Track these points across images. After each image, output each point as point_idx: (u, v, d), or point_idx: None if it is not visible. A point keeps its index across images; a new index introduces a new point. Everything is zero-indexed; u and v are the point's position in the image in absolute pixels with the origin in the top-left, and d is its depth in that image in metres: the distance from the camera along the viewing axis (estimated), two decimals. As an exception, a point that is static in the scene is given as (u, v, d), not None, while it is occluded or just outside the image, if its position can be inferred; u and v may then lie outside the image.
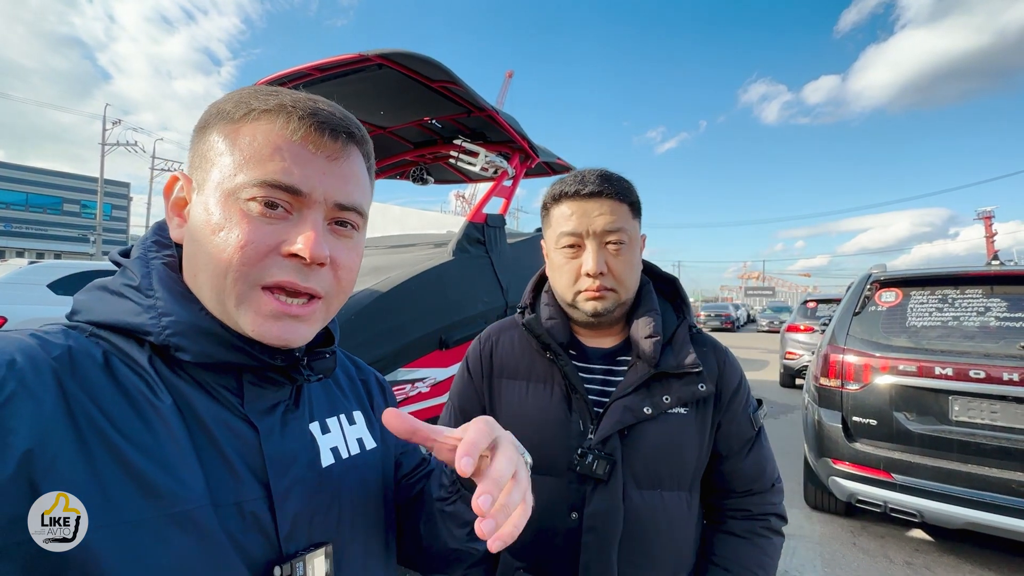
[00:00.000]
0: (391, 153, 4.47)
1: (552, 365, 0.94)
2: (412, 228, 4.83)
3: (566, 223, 0.90)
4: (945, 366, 2.61)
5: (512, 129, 3.54)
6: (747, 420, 0.94)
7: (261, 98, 0.50)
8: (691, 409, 0.89)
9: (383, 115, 3.80)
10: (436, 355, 2.75)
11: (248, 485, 0.48)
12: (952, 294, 2.80)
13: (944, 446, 2.58)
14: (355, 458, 0.61)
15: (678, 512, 0.88)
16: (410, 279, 2.54)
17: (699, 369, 0.89)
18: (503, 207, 3.47)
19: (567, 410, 0.91)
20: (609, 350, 0.96)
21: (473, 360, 1.04)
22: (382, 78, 3.06)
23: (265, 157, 0.47)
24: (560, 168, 4.69)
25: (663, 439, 0.87)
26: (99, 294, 0.51)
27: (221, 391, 0.50)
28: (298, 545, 0.50)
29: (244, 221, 0.47)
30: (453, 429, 0.53)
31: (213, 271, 0.47)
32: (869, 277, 3.11)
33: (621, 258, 0.89)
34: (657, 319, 0.93)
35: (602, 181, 0.88)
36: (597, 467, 0.84)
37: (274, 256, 0.48)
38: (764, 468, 0.94)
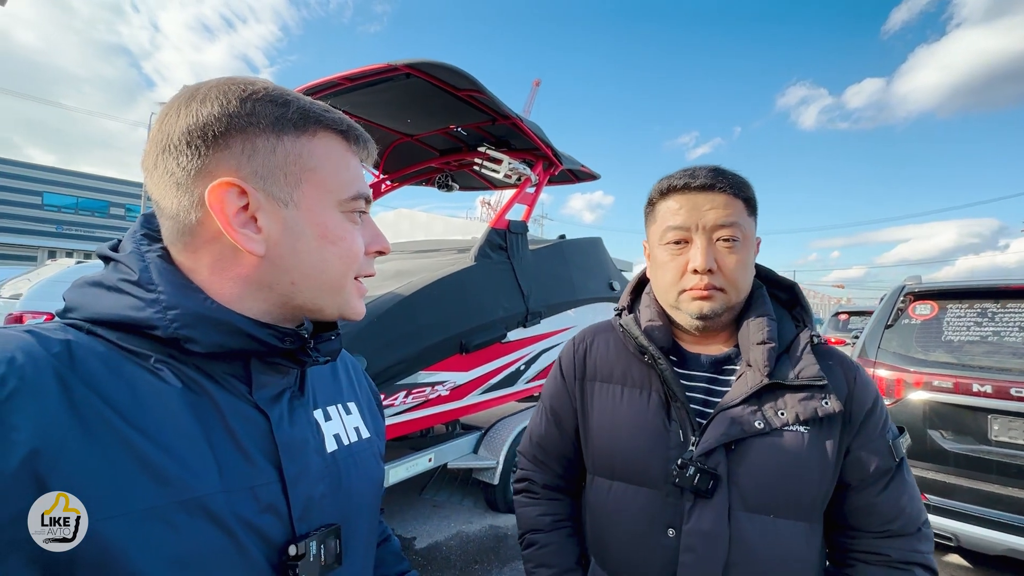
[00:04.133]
0: (417, 160, 4.56)
1: (650, 370, 0.88)
2: (438, 234, 4.91)
3: (673, 217, 0.84)
4: (984, 383, 2.49)
5: (536, 136, 3.57)
6: (884, 447, 0.81)
7: (322, 114, 0.54)
8: (812, 429, 0.78)
9: (410, 123, 3.88)
10: (456, 359, 2.78)
11: (262, 470, 0.50)
12: (992, 308, 2.68)
13: (982, 467, 2.46)
14: (354, 445, 0.63)
15: (794, 544, 0.78)
16: (432, 283, 2.58)
17: (823, 383, 0.78)
18: (526, 214, 3.49)
19: (665, 418, 0.84)
20: (715, 357, 0.88)
21: (566, 362, 1.00)
22: (409, 87, 3.14)
23: (348, 172, 0.55)
24: (584, 175, 4.69)
25: (776, 458, 0.77)
26: (93, 290, 0.50)
27: (230, 380, 0.52)
28: (310, 526, 0.52)
29: (352, 231, 0.56)
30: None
31: (334, 276, 0.54)
32: (903, 289, 3.00)
33: (733, 255, 0.81)
34: (772, 325, 0.84)
35: (715, 175, 0.82)
36: (699, 481, 0.76)
37: (362, 256, 0.57)
38: (906, 507, 0.80)
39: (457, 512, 3.47)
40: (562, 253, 3.88)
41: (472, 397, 3.04)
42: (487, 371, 3.07)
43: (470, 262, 2.90)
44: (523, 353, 3.37)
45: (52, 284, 4.38)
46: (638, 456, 0.84)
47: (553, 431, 0.99)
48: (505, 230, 3.18)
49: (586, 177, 4.78)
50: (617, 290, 4.52)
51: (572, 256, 4.00)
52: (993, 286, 2.74)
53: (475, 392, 3.04)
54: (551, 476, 1.01)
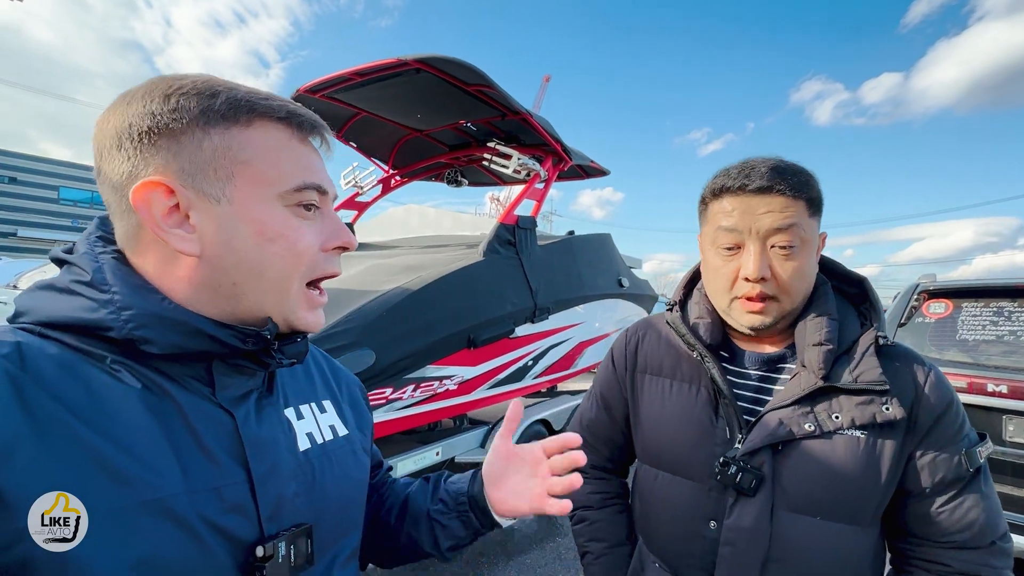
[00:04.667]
0: (427, 155, 4.57)
1: (699, 366, 0.87)
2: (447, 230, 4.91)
3: (725, 219, 0.80)
4: (1000, 383, 2.45)
5: (545, 132, 3.56)
6: (957, 455, 0.75)
7: (258, 102, 0.50)
8: (870, 434, 0.75)
9: (420, 118, 3.90)
10: (464, 353, 2.79)
11: (228, 470, 0.48)
12: (1009, 307, 2.63)
13: (997, 468, 2.42)
14: (329, 443, 0.62)
15: (842, 546, 0.75)
16: (441, 278, 2.59)
17: (885, 387, 0.74)
18: (535, 209, 3.49)
19: (712, 414, 0.84)
20: (767, 356, 0.86)
21: (618, 353, 1.03)
22: (420, 82, 3.14)
23: (294, 162, 0.51)
24: (593, 171, 4.67)
25: (826, 462, 0.75)
26: (45, 293, 0.48)
27: (191, 382, 0.50)
28: (280, 526, 0.51)
29: (298, 226, 0.51)
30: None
31: (276, 276, 0.50)
32: (917, 287, 2.96)
33: (789, 263, 0.77)
34: (831, 325, 0.80)
35: (773, 174, 0.76)
36: (741, 480, 0.76)
37: (319, 252, 0.53)
38: (979, 518, 0.74)
39: (464, 506, 3.49)
40: (571, 249, 3.87)
41: (480, 392, 3.05)
42: (495, 366, 3.08)
43: (479, 257, 2.90)
44: (531, 349, 3.37)
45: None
46: (683, 449, 0.86)
47: (603, 417, 1.03)
48: (514, 225, 3.18)
49: (595, 173, 4.76)
50: (626, 287, 4.50)
51: (581, 252, 3.99)
52: (1010, 284, 2.69)
53: (483, 387, 3.05)
54: (599, 458, 1.04)
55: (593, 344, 4.14)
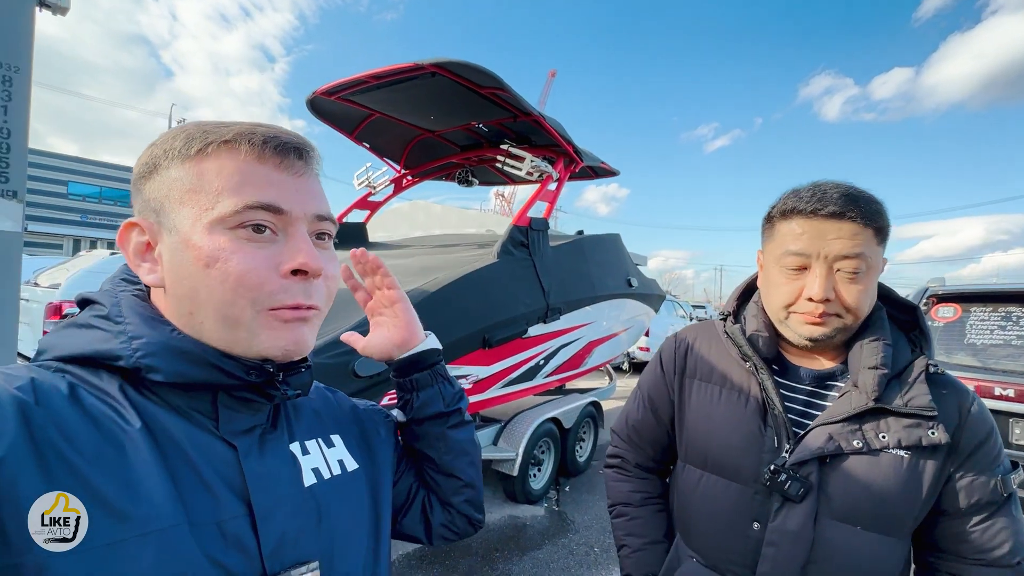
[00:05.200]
0: (438, 156, 4.61)
1: (750, 376, 0.90)
2: (452, 226, 4.96)
3: (794, 242, 0.81)
4: (1007, 387, 2.49)
5: (557, 134, 3.60)
6: (992, 480, 0.80)
7: (214, 131, 0.50)
8: (914, 454, 0.79)
9: (433, 119, 3.94)
10: (479, 353, 2.85)
11: (228, 504, 0.48)
12: (1017, 311, 2.67)
13: (1002, 470, 2.47)
14: (337, 478, 0.60)
15: (879, 555, 0.79)
16: (457, 280, 2.64)
17: (933, 413, 0.78)
18: (547, 211, 3.53)
19: (761, 423, 0.87)
20: (818, 373, 0.88)
21: (667, 356, 1.05)
22: (434, 85, 3.19)
23: (239, 184, 0.48)
24: (603, 172, 4.70)
25: (871, 477, 0.79)
26: (67, 331, 0.50)
27: (195, 415, 0.50)
28: (283, 563, 0.50)
29: (238, 249, 0.47)
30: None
31: (218, 303, 0.48)
32: (926, 291, 3.00)
33: (854, 286, 0.79)
34: (886, 350, 0.82)
35: (846, 201, 0.78)
36: (790, 488, 0.79)
37: (275, 279, 0.49)
38: (1009, 539, 0.79)
39: (476, 502, 3.57)
40: (582, 249, 3.92)
41: (493, 390, 3.11)
42: (508, 365, 3.14)
43: (493, 259, 2.95)
44: (543, 348, 3.43)
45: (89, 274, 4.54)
46: (732, 454, 0.88)
47: (649, 418, 1.06)
48: (527, 227, 3.22)
49: (605, 173, 4.80)
50: (635, 286, 4.55)
51: (591, 253, 4.03)
52: (1018, 289, 2.72)
53: (496, 386, 3.11)
54: (643, 457, 1.08)
55: (602, 344, 4.19)
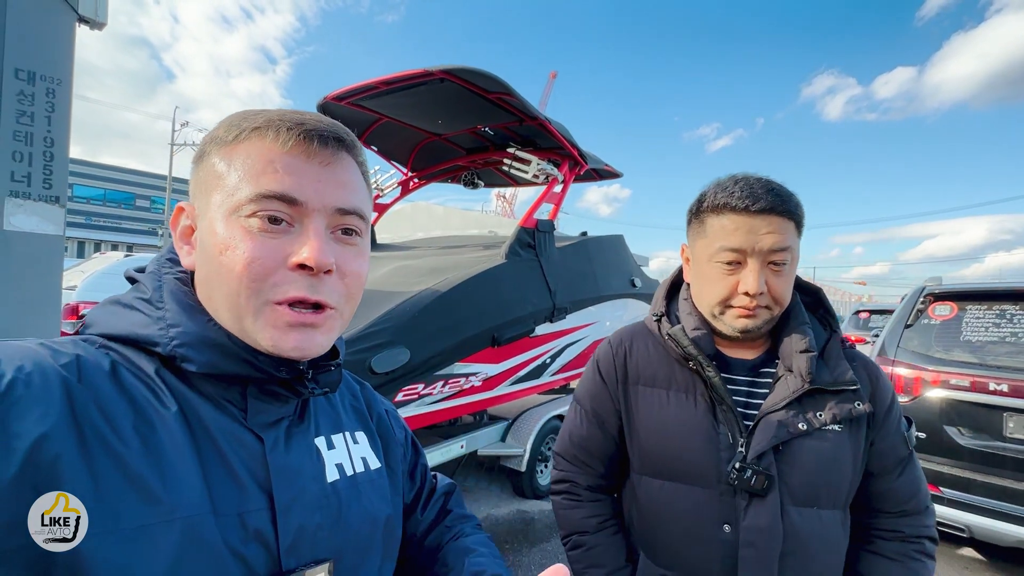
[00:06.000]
0: (445, 159, 4.70)
1: (694, 375, 0.92)
2: (455, 227, 5.05)
3: (728, 238, 0.84)
4: (1000, 382, 2.57)
5: (562, 137, 3.69)
6: (900, 439, 0.90)
7: (250, 118, 0.51)
8: (845, 426, 0.86)
9: (440, 123, 4.02)
10: (488, 351, 2.94)
11: (252, 495, 0.48)
12: (1011, 309, 2.74)
13: (997, 463, 2.54)
14: (360, 476, 0.60)
15: (835, 531, 0.86)
16: (467, 280, 2.73)
17: (856, 386, 0.86)
18: (552, 212, 3.62)
19: (713, 421, 0.88)
20: (751, 362, 0.93)
21: (605, 364, 1.01)
22: (442, 90, 3.28)
23: (259, 171, 0.48)
24: (607, 174, 4.79)
25: (819, 456, 0.84)
26: (112, 308, 0.51)
27: (226, 404, 0.50)
28: (299, 560, 0.49)
29: (247, 238, 0.47)
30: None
31: (226, 291, 0.48)
32: (923, 290, 3.07)
33: (781, 278, 0.85)
34: (810, 333, 0.90)
35: (773, 197, 0.82)
36: (756, 482, 0.82)
37: (282, 271, 0.48)
38: (918, 489, 0.91)
39: (486, 497, 3.66)
40: (586, 250, 4.01)
41: (502, 388, 3.20)
42: (516, 363, 3.22)
43: (501, 260, 3.04)
44: (549, 347, 3.51)
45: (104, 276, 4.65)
46: (690, 458, 0.88)
47: (596, 432, 1.00)
48: (534, 229, 3.31)
49: (608, 176, 4.88)
50: (638, 287, 4.62)
51: (596, 253, 4.12)
52: (1013, 288, 2.80)
53: (504, 383, 3.20)
54: (593, 477, 1.02)
55: (606, 343, 4.27)
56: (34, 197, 1.48)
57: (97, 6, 1.61)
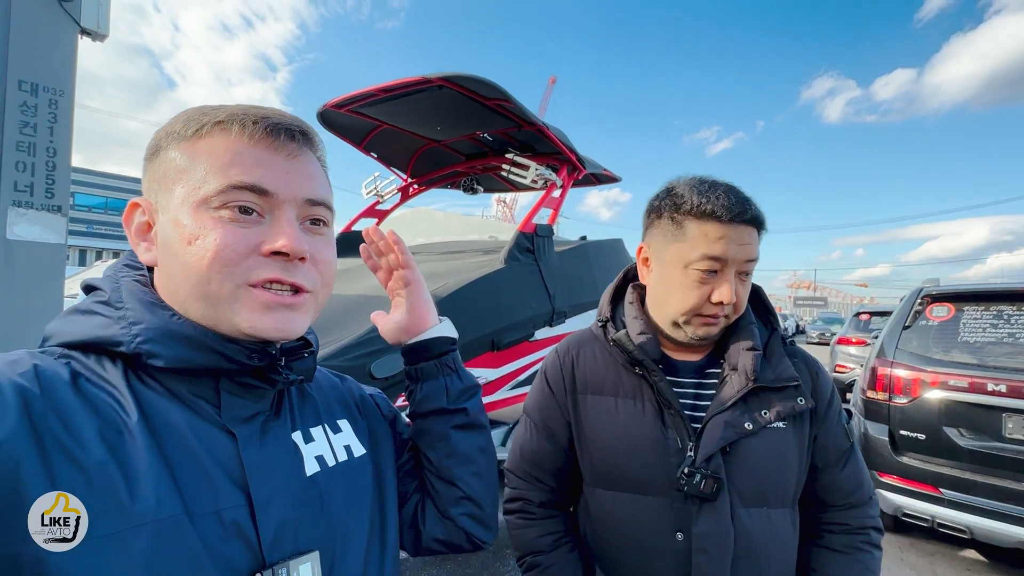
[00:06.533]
0: (444, 164, 4.73)
1: (641, 380, 0.91)
2: (455, 233, 5.07)
3: (712, 247, 0.82)
4: (999, 382, 2.57)
5: (560, 142, 3.71)
6: (842, 432, 0.92)
7: (211, 112, 0.50)
8: (789, 423, 0.87)
9: (439, 130, 4.06)
10: (488, 356, 2.94)
11: (227, 493, 0.47)
12: (1008, 310, 2.75)
13: (996, 463, 2.54)
14: (342, 465, 0.60)
15: (784, 530, 0.86)
16: (467, 285, 2.74)
17: (797, 382, 0.87)
18: (551, 217, 3.64)
19: (662, 427, 0.87)
20: (697, 364, 0.93)
21: (553, 374, 0.99)
22: (441, 97, 3.31)
23: (227, 164, 0.48)
24: (606, 178, 4.81)
25: (766, 455, 0.85)
26: (70, 317, 0.51)
27: (197, 401, 0.50)
28: (283, 553, 0.49)
29: (218, 226, 0.47)
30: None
31: (197, 279, 0.47)
32: (920, 291, 3.08)
33: (744, 287, 0.86)
34: (755, 332, 0.90)
35: (752, 208, 0.83)
36: (704, 486, 0.81)
37: (254, 256, 0.48)
38: (862, 480, 0.92)
39: (485, 502, 3.64)
40: (586, 254, 4.02)
41: (501, 393, 3.20)
42: (515, 368, 3.23)
43: (500, 264, 3.05)
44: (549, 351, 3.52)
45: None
46: (640, 466, 0.87)
47: (546, 446, 0.98)
48: (532, 234, 3.33)
49: (607, 180, 4.90)
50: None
51: (595, 257, 4.13)
52: (1010, 289, 2.81)
53: (504, 388, 3.20)
54: (546, 493, 0.99)
55: (606, 346, 4.27)
56: (36, 207, 1.50)
57: (99, 18, 1.64)
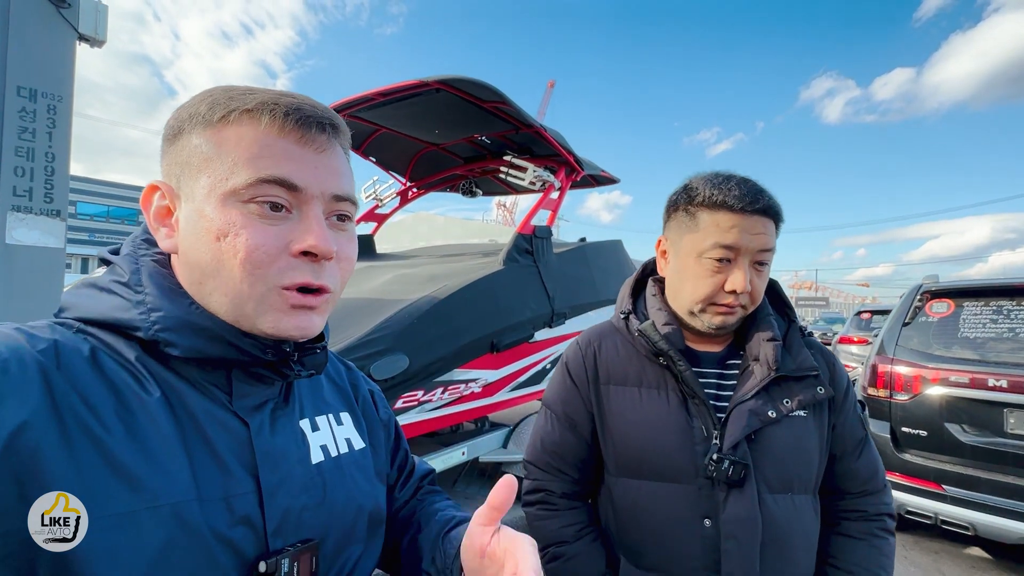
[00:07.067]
0: (442, 168, 4.75)
1: (664, 371, 0.93)
2: (456, 236, 5.09)
3: (724, 235, 0.84)
4: (1000, 378, 2.57)
5: (558, 144, 3.72)
6: (857, 421, 0.95)
7: (239, 98, 0.49)
8: (810, 412, 0.90)
9: (437, 133, 4.08)
10: (487, 358, 2.94)
11: (238, 479, 0.48)
12: (1008, 305, 2.75)
13: (998, 459, 2.53)
14: (344, 456, 0.60)
15: (808, 516, 0.88)
16: (465, 287, 2.75)
17: (817, 372, 0.90)
18: (550, 219, 3.64)
19: (687, 416, 0.89)
20: (718, 355, 0.95)
21: (575, 366, 1.00)
22: (438, 100, 3.33)
23: (256, 156, 0.47)
24: (604, 180, 4.82)
25: (789, 442, 0.87)
26: (87, 291, 0.50)
27: (210, 388, 0.50)
28: (285, 541, 0.49)
29: (248, 224, 0.46)
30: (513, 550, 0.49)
31: (225, 277, 0.47)
32: (920, 287, 3.08)
33: (761, 278, 0.88)
34: (774, 323, 0.93)
35: (767, 197, 0.85)
36: (733, 472, 0.82)
37: (284, 257, 0.48)
38: (877, 468, 0.95)
39: (487, 504, 3.63)
40: (584, 256, 4.03)
41: (502, 394, 3.20)
42: (515, 369, 3.23)
43: (499, 266, 3.06)
44: (549, 352, 3.52)
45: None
46: (667, 454, 0.88)
47: (569, 437, 0.99)
48: (531, 235, 3.34)
49: (606, 181, 4.91)
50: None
51: (594, 259, 4.14)
52: (1009, 284, 2.81)
53: (504, 389, 3.20)
54: (568, 483, 1.00)
55: (607, 347, 4.27)
56: (35, 211, 1.51)
57: (97, 24, 1.65)
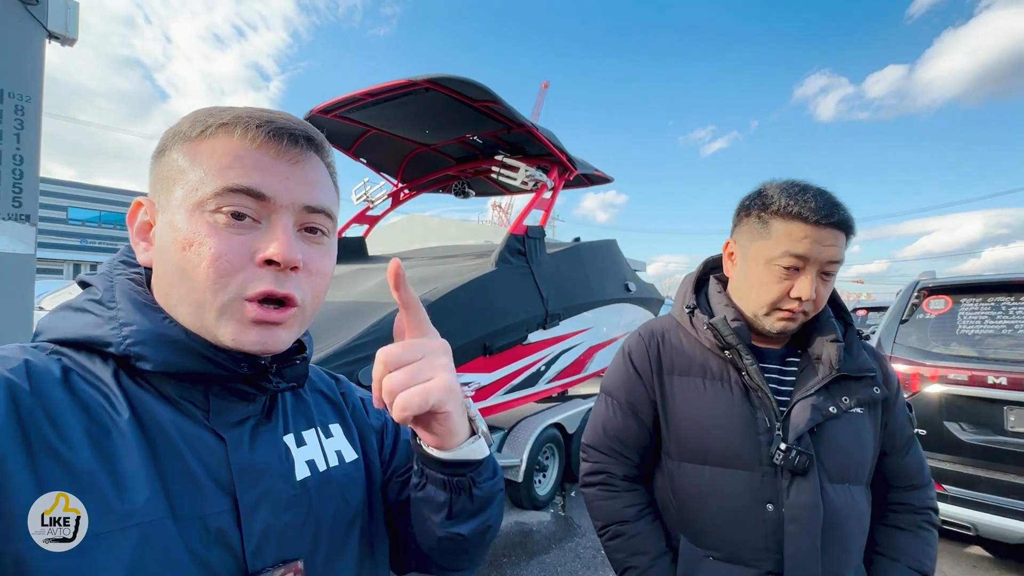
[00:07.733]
0: (434, 168, 4.70)
1: (727, 364, 0.98)
2: (450, 238, 5.03)
3: (796, 244, 0.88)
4: (999, 375, 2.53)
5: (551, 143, 3.68)
6: (907, 419, 1.01)
7: (216, 114, 0.50)
8: (866, 410, 0.95)
9: (428, 133, 4.03)
10: (480, 361, 2.89)
11: (213, 498, 0.47)
12: (1006, 301, 2.71)
13: (999, 457, 2.50)
14: (334, 470, 0.58)
15: (863, 505, 0.94)
16: (456, 289, 2.69)
17: (875, 373, 0.96)
18: (542, 219, 3.60)
19: (750, 407, 0.94)
20: (779, 352, 1.01)
21: (639, 357, 1.06)
22: (428, 100, 3.28)
23: (226, 167, 0.47)
24: (597, 179, 4.78)
25: (848, 437, 0.93)
26: (62, 313, 0.50)
27: (186, 404, 0.49)
28: (266, 561, 0.48)
29: (213, 233, 0.46)
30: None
31: (189, 287, 0.47)
32: (917, 284, 3.05)
33: (827, 286, 0.92)
34: (836, 326, 0.98)
35: (841, 211, 0.89)
36: (799, 462, 0.88)
37: (250, 267, 0.47)
38: (923, 465, 1.01)
39: (482, 509, 3.59)
40: (578, 256, 3.98)
41: (495, 397, 3.15)
42: (509, 372, 3.18)
43: (491, 267, 3.00)
44: (543, 354, 3.47)
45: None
46: (731, 442, 0.94)
47: (631, 423, 1.04)
48: (523, 235, 3.29)
49: (599, 180, 4.87)
50: (632, 291, 4.59)
51: (588, 259, 4.09)
52: (1007, 279, 2.77)
53: (498, 392, 3.15)
54: (629, 467, 1.06)
55: (603, 348, 4.23)
56: (3, 216, 1.44)
57: (67, 22, 1.59)
